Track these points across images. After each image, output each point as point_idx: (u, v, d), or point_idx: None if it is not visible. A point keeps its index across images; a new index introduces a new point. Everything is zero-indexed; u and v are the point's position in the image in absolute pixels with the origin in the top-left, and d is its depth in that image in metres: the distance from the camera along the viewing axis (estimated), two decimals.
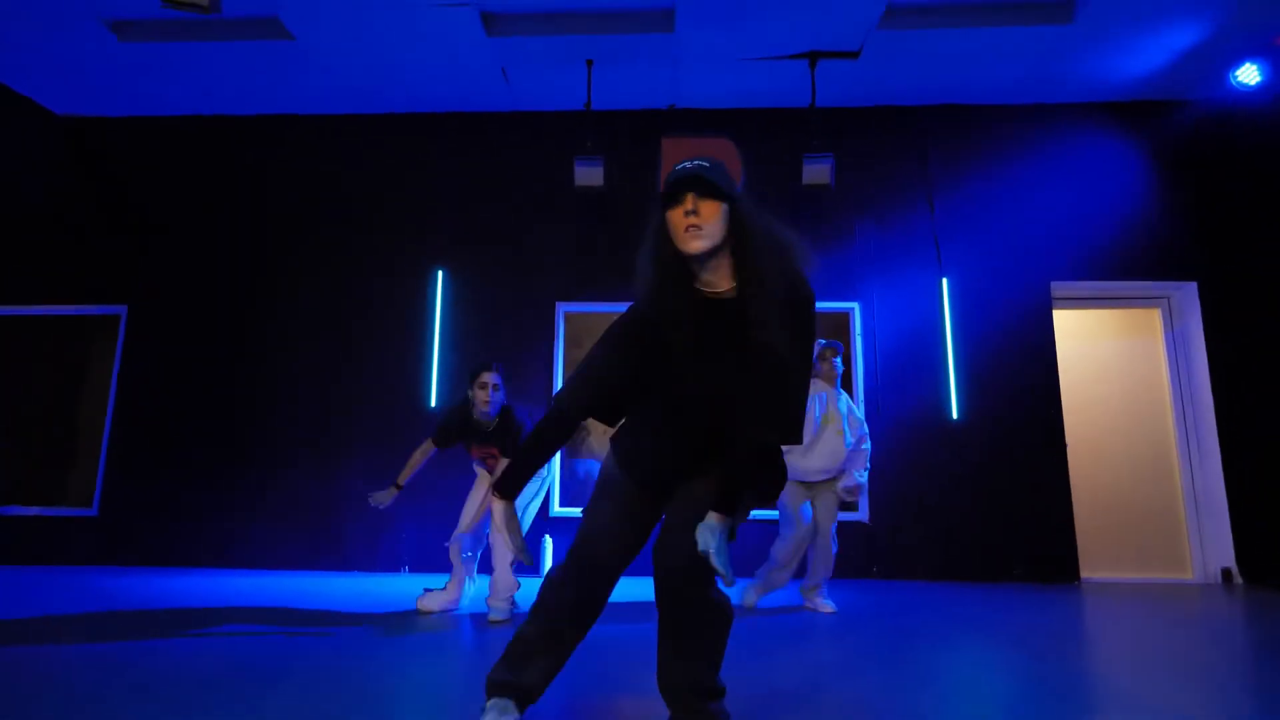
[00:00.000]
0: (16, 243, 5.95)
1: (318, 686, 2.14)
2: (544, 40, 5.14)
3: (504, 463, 3.37)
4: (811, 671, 2.42)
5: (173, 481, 5.54)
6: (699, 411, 1.58)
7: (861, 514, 5.33)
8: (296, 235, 5.91)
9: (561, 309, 5.74)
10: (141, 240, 5.94)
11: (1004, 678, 2.43)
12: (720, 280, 1.59)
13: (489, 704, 1.61)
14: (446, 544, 3.67)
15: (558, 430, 1.65)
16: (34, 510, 5.60)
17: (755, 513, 2.03)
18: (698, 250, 1.52)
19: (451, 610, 3.60)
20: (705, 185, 1.51)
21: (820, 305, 5.94)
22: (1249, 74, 5.10)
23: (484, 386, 3.38)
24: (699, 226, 1.51)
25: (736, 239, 1.56)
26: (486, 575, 5.01)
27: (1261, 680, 2.46)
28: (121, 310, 5.83)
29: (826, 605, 3.71)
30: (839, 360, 3.83)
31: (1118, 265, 5.59)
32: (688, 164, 1.56)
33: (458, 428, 3.51)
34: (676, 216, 1.53)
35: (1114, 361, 5.86)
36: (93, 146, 6.12)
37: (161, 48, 5.28)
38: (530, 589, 4.20)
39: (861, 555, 5.21)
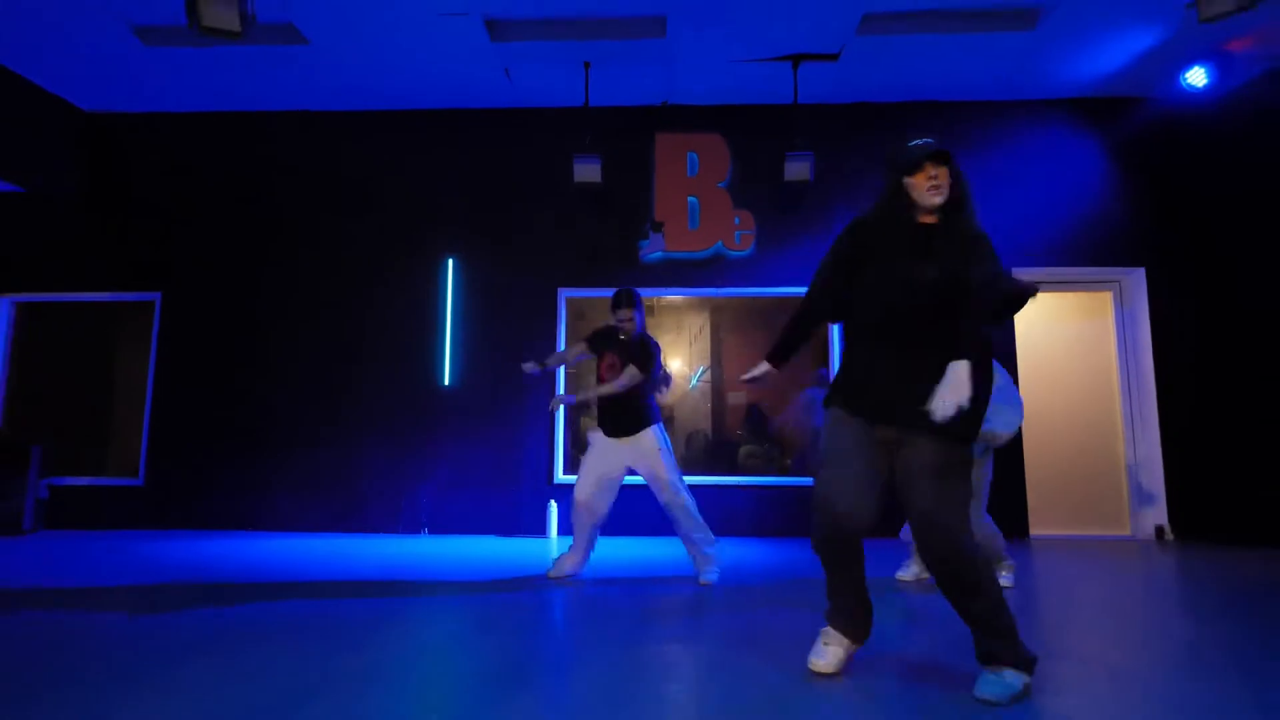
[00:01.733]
0: (55, 234, 6.36)
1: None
2: (544, 44, 5.49)
3: (620, 378, 3.59)
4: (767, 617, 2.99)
5: (211, 452, 6.08)
6: (909, 312, 1.95)
7: None
8: (315, 224, 6.33)
9: (563, 294, 6.22)
10: (171, 230, 6.36)
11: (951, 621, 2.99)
12: (930, 219, 2.07)
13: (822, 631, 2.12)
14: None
15: (806, 324, 2.25)
16: (85, 480, 6.14)
17: None
18: (938, 203, 2.02)
19: (576, 575, 3.81)
20: (943, 156, 2.01)
21: (801, 290, 6.35)
22: (1197, 77, 5.51)
23: (621, 320, 3.68)
24: (938, 186, 2.01)
25: (953, 198, 2.04)
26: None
27: (1185, 622, 2.93)
28: (156, 296, 6.28)
29: None
30: None
31: (1075, 252, 6.08)
32: (920, 141, 2.03)
33: (603, 336, 3.83)
34: (920, 180, 2.01)
35: (1070, 339, 6.40)
36: (120, 141, 6.48)
37: (183, 52, 5.61)
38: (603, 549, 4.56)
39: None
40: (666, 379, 3.92)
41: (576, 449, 6.14)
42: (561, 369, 6.02)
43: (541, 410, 5.94)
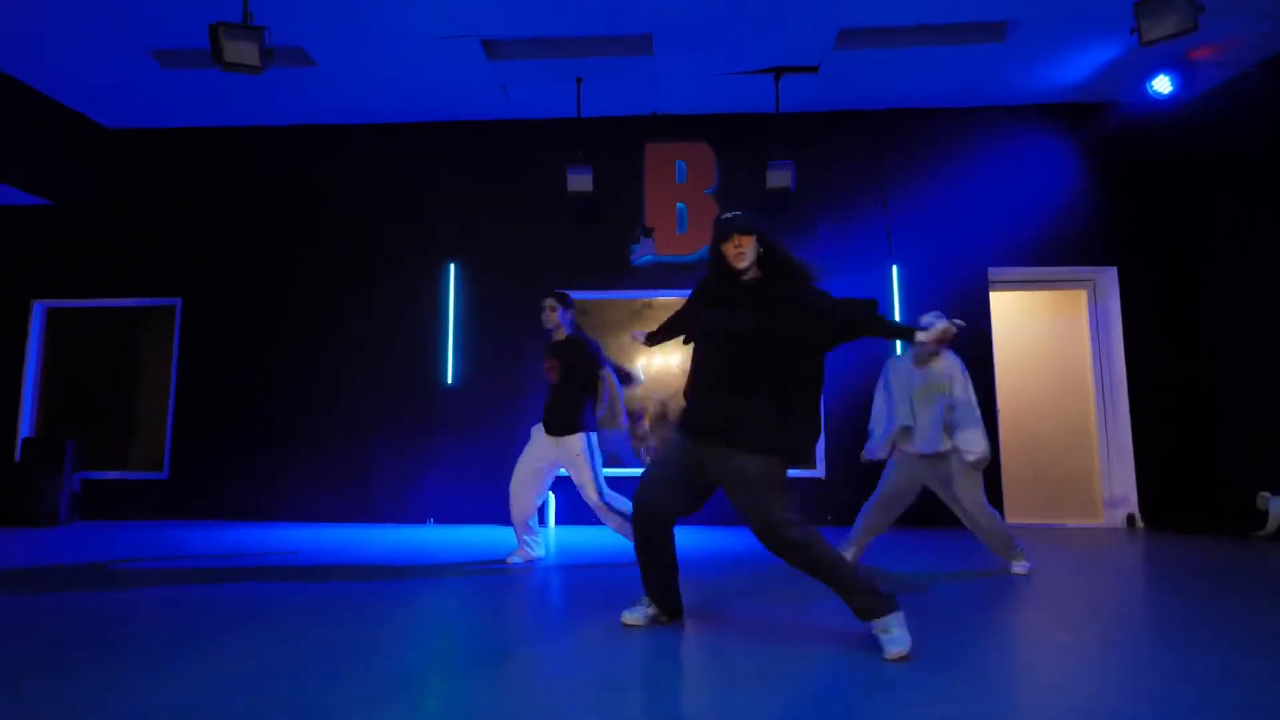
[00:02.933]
0: (82, 244, 6.78)
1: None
2: (538, 63, 5.82)
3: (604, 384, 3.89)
4: (752, 595, 3.31)
5: (229, 447, 6.48)
6: (723, 352, 2.39)
7: (819, 470, 6.24)
8: (324, 231, 6.71)
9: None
10: (189, 240, 6.76)
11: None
12: (751, 275, 2.47)
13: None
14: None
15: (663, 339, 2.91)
16: (113, 474, 6.57)
17: None
18: (743, 266, 2.42)
19: (533, 561, 4.12)
20: (743, 226, 2.41)
21: None
22: (1162, 84, 5.74)
23: (542, 309, 3.96)
24: (742, 253, 2.40)
25: (765, 256, 2.44)
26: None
27: (1150, 603, 3.20)
28: (177, 302, 6.69)
29: None
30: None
31: (1049, 251, 6.33)
32: (726, 215, 2.45)
33: (546, 340, 4.09)
34: (729, 248, 2.41)
35: (1044, 336, 6.67)
36: (141, 156, 6.89)
37: (199, 73, 5.98)
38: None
39: (815, 506, 6.14)
40: (634, 377, 4.18)
41: None
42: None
43: (536, 407, 6.27)
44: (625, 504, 3.81)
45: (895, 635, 2.15)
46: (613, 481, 4.28)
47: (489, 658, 2.25)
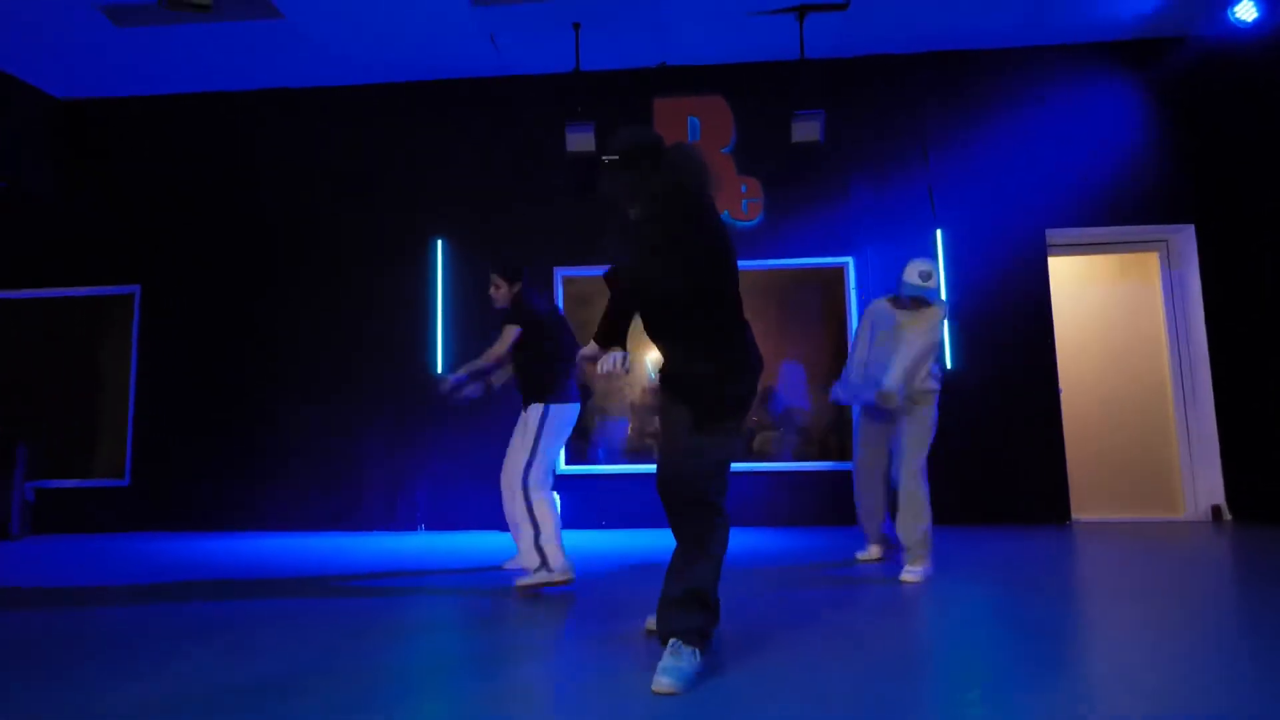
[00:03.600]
0: (28, 227, 6.14)
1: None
2: (530, 7, 5.13)
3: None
4: (810, 607, 2.61)
5: (198, 450, 5.82)
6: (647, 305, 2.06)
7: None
8: (297, 208, 6.04)
9: (559, 273, 5.86)
10: (148, 220, 6.11)
11: (993, 611, 2.60)
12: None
13: None
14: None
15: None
16: (70, 483, 5.92)
17: None
18: (632, 210, 2.10)
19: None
20: (619, 165, 2.04)
21: (814, 260, 5.93)
22: (1246, 10, 4.98)
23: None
24: (632, 196, 2.06)
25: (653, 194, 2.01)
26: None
27: (1244, 607, 2.59)
28: (135, 289, 6.03)
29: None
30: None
31: (1115, 210, 5.57)
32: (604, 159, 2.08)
33: None
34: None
35: (1111, 306, 5.89)
36: (93, 128, 6.25)
37: (156, 31, 5.35)
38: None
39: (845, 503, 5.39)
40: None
41: (578, 435, 5.76)
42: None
43: None
44: (548, 504, 3.20)
45: (675, 667, 1.78)
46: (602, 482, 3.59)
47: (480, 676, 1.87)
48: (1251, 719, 1.50)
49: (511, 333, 3.34)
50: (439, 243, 5.88)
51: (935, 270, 3.35)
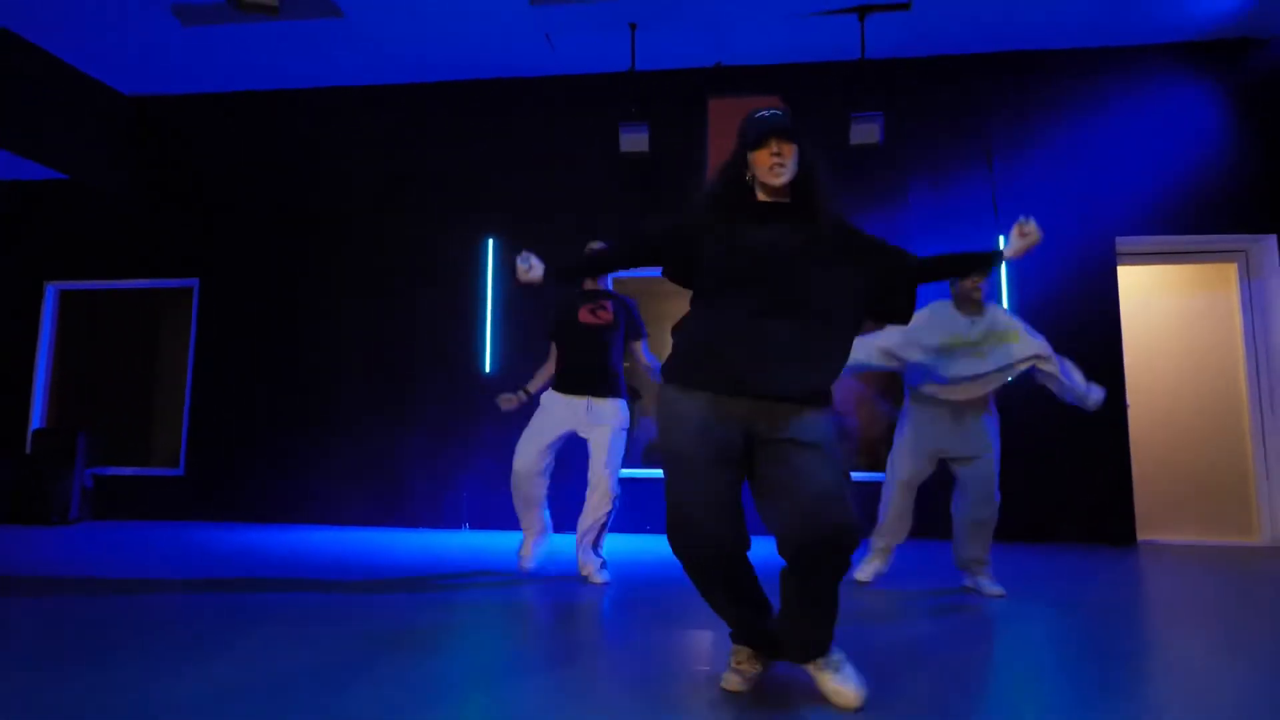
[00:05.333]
0: (93, 220, 6.32)
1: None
2: (586, 7, 5.10)
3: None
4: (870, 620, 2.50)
5: (251, 442, 5.91)
6: (771, 279, 1.70)
7: None
8: (353, 204, 6.11)
9: (610, 275, 5.80)
10: (209, 214, 6.24)
11: (1052, 637, 2.47)
12: (781, 198, 1.85)
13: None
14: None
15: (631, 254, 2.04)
16: (128, 470, 6.06)
17: None
18: (781, 182, 1.78)
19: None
20: (786, 130, 1.77)
21: None
22: None
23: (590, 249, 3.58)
24: (783, 164, 1.76)
25: (803, 176, 1.81)
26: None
27: None
28: (194, 283, 6.16)
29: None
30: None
31: (1190, 218, 5.33)
32: (765, 113, 1.80)
33: (566, 303, 3.64)
34: (763, 156, 1.77)
35: (1184, 318, 5.64)
36: (158, 124, 6.41)
37: (221, 30, 5.46)
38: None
39: (921, 515, 5.22)
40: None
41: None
42: None
43: None
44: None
45: (848, 671, 1.70)
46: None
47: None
48: None
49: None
50: (490, 242, 5.88)
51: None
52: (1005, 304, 5.34)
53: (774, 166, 1.75)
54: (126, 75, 6.14)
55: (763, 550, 1.78)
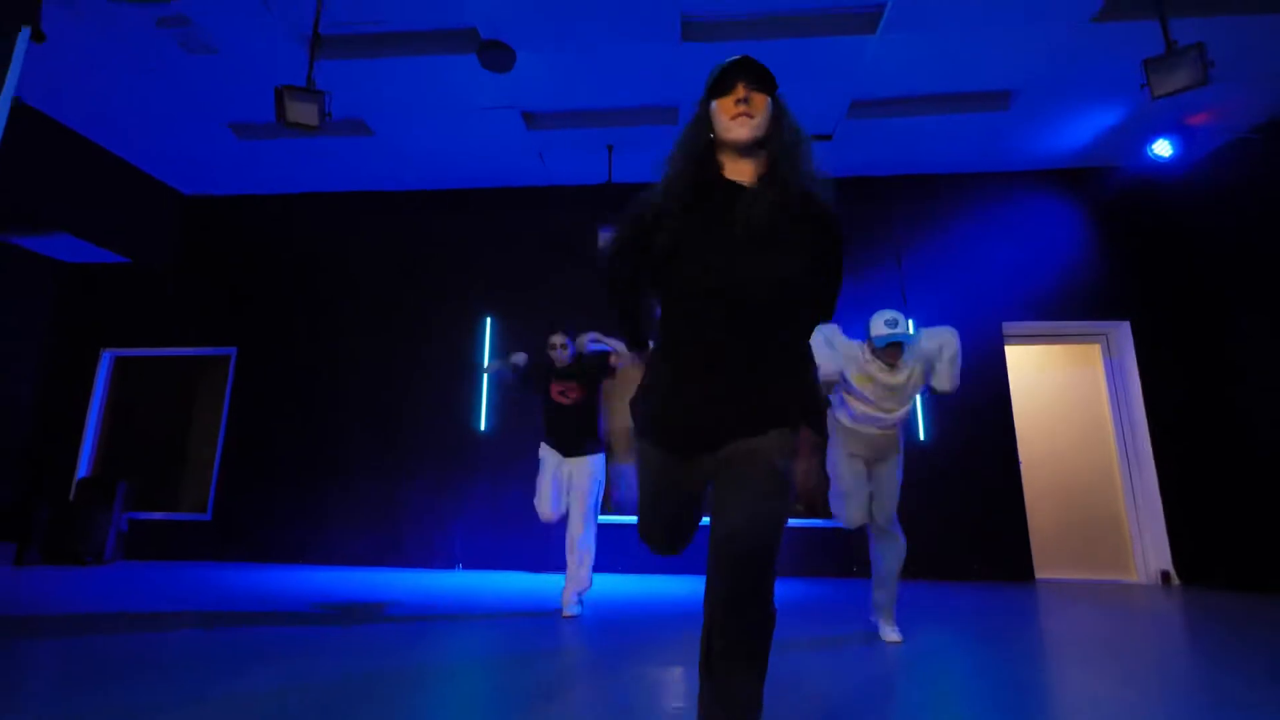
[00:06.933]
0: (147, 297, 7.34)
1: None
2: (572, 132, 6.36)
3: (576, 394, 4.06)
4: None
5: (272, 491, 6.75)
6: (719, 313, 1.47)
7: (839, 520, 6.26)
8: (371, 287, 7.18)
9: (591, 349, 6.86)
10: (246, 294, 7.28)
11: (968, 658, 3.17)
12: (745, 174, 1.56)
13: None
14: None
15: (629, 294, 1.72)
16: (160, 515, 6.85)
17: None
18: (744, 139, 1.50)
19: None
20: (758, 74, 1.50)
21: None
22: (1163, 148, 6.05)
23: (552, 347, 4.25)
24: (750, 115, 1.50)
25: (772, 136, 1.53)
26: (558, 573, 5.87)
27: (1191, 665, 2.90)
28: (232, 351, 7.14)
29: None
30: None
31: (1061, 307, 6.52)
32: (736, 57, 1.55)
33: (541, 376, 4.25)
34: (727, 104, 1.52)
35: (1062, 388, 6.76)
36: (207, 218, 7.53)
37: (270, 143, 6.64)
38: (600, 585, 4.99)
39: (840, 558, 6.15)
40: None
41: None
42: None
43: None
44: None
45: None
46: None
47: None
48: None
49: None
50: (488, 319, 6.96)
51: (901, 317, 3.31)
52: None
53: (738, 116, 1.49)
54: (187, 177, 7.29)
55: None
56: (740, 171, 1.58)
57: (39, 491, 6.79)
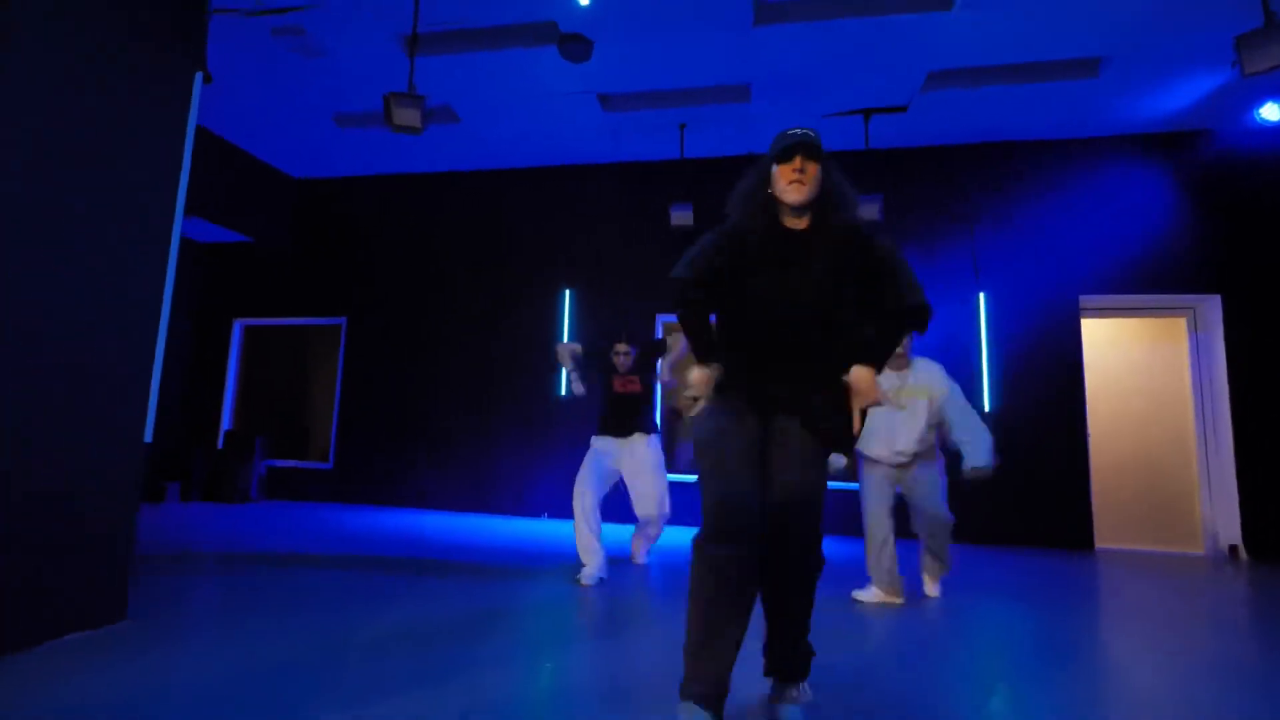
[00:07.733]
0: (268, 273, 8.21)
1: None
2: (646, 113, 6.55)
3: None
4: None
5: (382, 443, 7.64)
6: (776, 321, 1.86)
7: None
8: (463, 261, 7.77)
9: (660, 319, 7.27)
10: (354, 269, 8.02)
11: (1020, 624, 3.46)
12: (798, 223, 1.92)
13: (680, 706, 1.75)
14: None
15: (698, 312, 1.97)
16: (291, 463, 7.91)
17: None
18: (797, 202, 1.84)
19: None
20: (812, 149, 1.85)
21: None
22: (1271, 112, 5.69)
23: (617, 354, 4.46)
24: (803, 183, 1.84)
25: (820, 196, 1.87)
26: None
27: (1256, 643, 2.92)
28: (343, 321, 7.96)
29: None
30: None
31: (1147, 279, 6.35)
32: (797, 130, 1.88)
33: (605, 369, 4.44)
34: (786, 171, 1.85)
35: (1142, 360, 6.68)
36: (316, 199, 8.24)
37: (368, 131, 7.17)
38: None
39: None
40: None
41: (670, 443, 7.14)
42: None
43: None
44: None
45: (806, 699, 1.93)
46: None
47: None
48: None
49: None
50: (568, 292, 7.43)
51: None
52: (984, 352, 6.49)
53: (793, 182, 1.81)
54: (295, 162, 7.97)
55: None
56: (794, 221, 1.93)
57: (195, 441, 7.94)
